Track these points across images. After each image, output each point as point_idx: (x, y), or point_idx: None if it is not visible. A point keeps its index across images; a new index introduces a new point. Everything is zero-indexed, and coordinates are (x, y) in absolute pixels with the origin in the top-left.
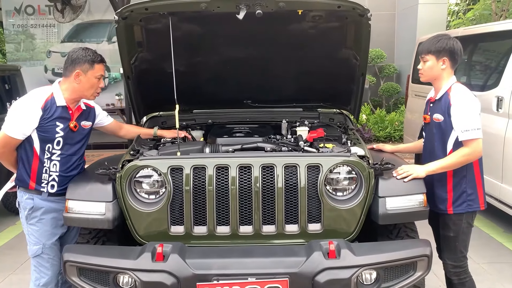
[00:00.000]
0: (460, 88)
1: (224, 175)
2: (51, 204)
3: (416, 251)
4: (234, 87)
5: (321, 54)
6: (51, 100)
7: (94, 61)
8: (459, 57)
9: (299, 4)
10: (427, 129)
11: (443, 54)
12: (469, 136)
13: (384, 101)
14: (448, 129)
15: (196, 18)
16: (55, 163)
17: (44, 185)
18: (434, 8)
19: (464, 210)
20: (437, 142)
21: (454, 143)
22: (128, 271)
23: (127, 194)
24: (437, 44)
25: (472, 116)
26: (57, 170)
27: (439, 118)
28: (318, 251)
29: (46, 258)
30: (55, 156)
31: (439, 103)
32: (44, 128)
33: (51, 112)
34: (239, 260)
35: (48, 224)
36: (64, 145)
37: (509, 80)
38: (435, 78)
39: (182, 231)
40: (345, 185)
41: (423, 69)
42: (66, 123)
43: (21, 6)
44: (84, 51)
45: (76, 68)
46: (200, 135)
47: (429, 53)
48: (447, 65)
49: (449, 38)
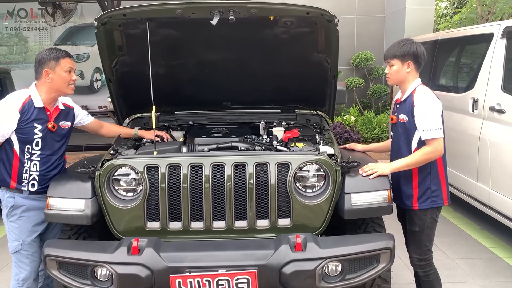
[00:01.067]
0: (423, 90)
1: (198, 173)
2: (32, 202)
3: (379, 244)
4: (213, 89)
5: (294, 57)
6: (28, 102)
7: (59, 56)
8: (422, 60)
9: (270, 10)
10: (394, 129)
11: (408, 58)
12: (431, 135)
13: (373, 102)
14: (412, 129)
15: (173, 24)
16: (35, 163)
17: (25, 184)
18: (421, 11)
19: (428, 206)
20: (403, 141)
21: (418, 142)
22: (105, 264)
23: (106, 192)
24: (401, 49)
25: (433, 117)
26: (37, 170)
27: (404, 119)
28: (285, 244)
29: (25, 254)
30: (35, 156)
31: (404, 104)
32: (23, 130)
33: (29, 114)
34: (211, 253)
35: (28, 221)
36: (44, 145)
37: (483, 82)
38: (401, 81)
39: (158, 227)
40: (313, 182)
41: (389, 73)
42: (45, 124)
43: (14, 9)
44: (48, 51)
45: (44, 67)
46: (180, 136)
47: (394, 57)
48: (412, 68)
49: (412, 42)
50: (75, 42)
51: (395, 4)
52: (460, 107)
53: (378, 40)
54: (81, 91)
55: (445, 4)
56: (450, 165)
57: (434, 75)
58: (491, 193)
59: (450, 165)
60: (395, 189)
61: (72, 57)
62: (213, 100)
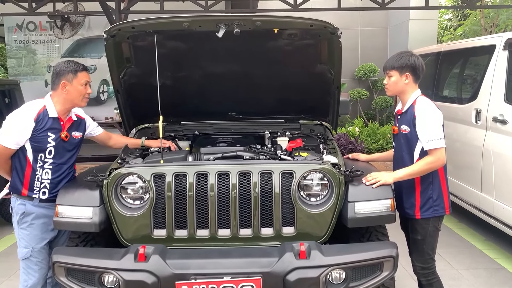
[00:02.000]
0: (424, 101)
1: (203, 181)
2: (42, 210)
3: (382, 252)
4: (219, 100)
5: (298, 69)
6: (43, 112)
7: (77, 70)
8: (420, 72)
9: (274, 23)
10: (396, 140)
11: (406, 70)
12: (433, 145)
13: (378, 114)
14: (414, 139)
15: (180, 36)
16: (47, 171)
17: (36, 192)
18: (425, 23)
19: (430, 215)
20: (405, 151)
21: (420, 152)
22: (112, 270)
23: (113, 200)
24: (400, 61)
25: (434, 127)
26: (48, 178)
27: (405, 129)
28: (289, 252)
29: (34, 261)
30: (47, 164)
31: (405, 115)
32: (37, 138)
33: (43, 123)
34: (216, 261)
35: (38, 229)
36: (56, 154)
37: (486, 93)
38: (399, 92)
39: (164, 235)
40: (317, 191)
41: (388, 84)
42: (58, 134)
43: (23, 23)
44: (67, 63)
45: (62, 79)
46: (186, 145)
47: (392, 69)
48: (410, 80)
49: (411, 55)
50: (82, 54)
51: (399, 17)
52: (464, 118)
53: (382, 52)
54: (88, 103)
55: (448, 16)
56: (454, 176)
57: (438, 86)
58: (495, 204)
59: (454, 176)
60: (398, 198)
61: (88, 71)
62: (218, 111)
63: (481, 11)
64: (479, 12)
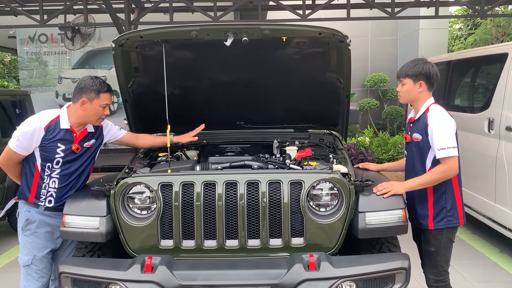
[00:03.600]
0: (437, 109)
1: (211, 191)
2: (46, 219)
3: (394, 264)
4: (227, 109)
5: (307, 77)
6: (56, 122)
7: (100, 90)
8: (435, 81)
9: (283, 31)
10: (408, 148)
11: (420, 77)
12: (445, 154)
13: (388, 124)
14: (426, 147)
15: (188, 45)
16: (54, 180)
17: (42, 200)
18: (435, 33)
19: (444, 225)
20: (417, 160)
21: (432, 161)
22: (119, 281)
23: (120, 210)
24: (414, 69)
25: (447, 135)
26: (55, 187)
27: (417, 138)
28: (299, 263)
29: (35, 269)
30: (55, 174)
31: (417, 123)
32: (46, 148)
33: (54, 134)
34: (224, 272)
35: (41, 237)
36: (64, 165)
37: (499, 102)
38: (412, 100)
39: (172, 245)
40: (327, 201)
41: (401, 91)
42: (69, 145)
43: (35, 35)
44: (92, 80)
45: (83, 96)
46: (194, 155)
47: (406, 76)
48: (424, 88)
49: (425, 62)
50: (93, 65)
51: (408, 27)
52: (476, 127)
53: (391, 61)
54: None
55: (459, 26)
56: (467, 186)
57: (449, 95)
58: (510, 215)
59: (467, 186)
60: (410, 208)
61: (112, 92)
62: (226, 120)
63: (492, 20)
64: (490, 21)
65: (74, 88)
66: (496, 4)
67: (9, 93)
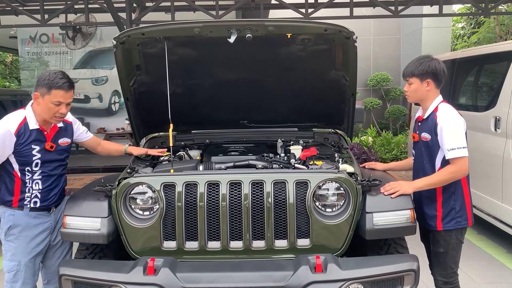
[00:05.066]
0: (446, 108)
1: (215, 191)
2: (32, 221)
3: (403, 266)
4: (230, 108)
5: (312, 75)
6: (24, 124)
7: (52, 86)
8: (442, 78)
9: (287, 28)
10: (416, 147)
11: (426, 76)
12: (455, 154)
13: (391, 123)
14: (435, 147)
15: (191, 43)
16: (37, 181)
17: (27, 202)
18: (438, 31)
19: (453, 226)
20: (426, 160)
21: (442, 161)
22: (120, 284)
23: (122, 210)
24: (420, 67)
25: (457, 135)
26: (39, 188)
27: (426, 137)
28: (305, 265)
29: (19, 275)
30: (36, 175)
31: (426, 122)
32: (21, 153)
33: (26, 137)
34: (228, 274)
35: (26, 241)
36: (43, 165)
37: (506, 100)
38: (420, 99)
39: (175, 246)
40: (333, 201)
41: (408, 91)
42: (42, 145)
43: (36, 35)
44: (49, 74)
45: (37, 90)
46: (197, 154)
47: (413, 76)
48: (431, 86)
49: (431, 60)
50: (94, 65)
51: (411, 25)
52: (481, 126)
53: (394, 61)
54: (100, 114)
55: (462, 24)
56: (473, 186)
57: (454, 94)
58: None
59: (473, 186)
60: (418, 209)
61: (70, 90)
62: (230, 119)
63: (495, 19)
64: (493, 19)
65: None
66: (500, 2)
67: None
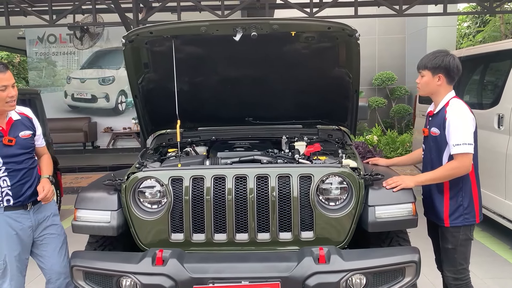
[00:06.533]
0: (457, 103)
1: (221, 185)
2: (8, 220)
3: (404, 258)
4: (236, 105)
5: (316, 72)
6: None
7: None
8: (455, 74)
9: (291, 26)
10: (426, 142)
11: (439, 70)
12: (459, 150)
13: (396, 122)
14: (443, 142)
15: (197, 41)
16: (4, 179)
17: (0, 201)
18: (443, 30)
19: (460, 223)
20: (434, 154)
21: (449, 156)
22: (130, 274)
23: (131, 204)
24: (434, 61)
25: (464, 131)
26: (8, 185)
27: (436, 132)
28: (309, 256)
29: (6, 273)
30: (1, 172)
31: (436, 117)
32: None
33: None
34: (234, 265)
35: (5, 240)
36: (6, 160)
37: (509, 98)
38: (431, 93)
39: (182, 239)
40: (336, 195)
41: (420, 83)
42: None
43: (44, 35)
44: None
45: None
46: (203, 151)
47: (425, 68)
48: (443, 82)
49: (446, 55)
50: (101, 65)
51: (416, 24)
52: (485, 123)
53: (399, 60)
54: (107, 113)
55: (467, 23)
56: None
57: (458, 91)
58: None
59: None
60: (426, 203)
61: (6, 70)
62: (235, 116)
63: (501, 17)
64: (498, 18)
65: None
66: (505, 1)
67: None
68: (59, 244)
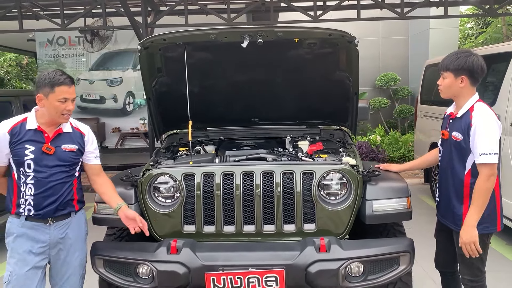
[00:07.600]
0: (483, 109)
1: (230, 181)
2: (26, 230)
3: (399, 247)
4: (242, 107)
5: (318, 76)
6: (21, 124)
7: (54, 84)
8: (479, 75)
9: (295, 33)
10: (445, 145)
11: (461, 72)
12: (485, 160)
13: (399, 122)
14: (468, 149)
15: (207, 47)
16: (30, 186)
17: (22, 210)
18: (445, 32)
19: (480, 231)
20: (456, 160)
21: (473, 163)
22: (147, 262)
23: (147, 198)
24: (456, 62)
25: (491, 140)
26: (31, 194)
27: (458, 137)
28: (311, 246)
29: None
30: (29, 179)
31: (459, 120)
32: (15, 152)
33: (20, 135)
34: (242, 254)
35: (17, 252)
36: (37, 167)
37: (504, 99)
38: (454, 95)
39: (194, 230)
40: (336, 190)
41: (442, 85)
42: (38, 146)
43: (53, 38)
44: (47, 74)
45: (39, 92)
46: (212, 149)
47: (447, 70)
48: (466, 83)
49: (469, 55)
50: (108, 67)
51: (419, 26)
52: None
53: (402, 61)
54: (114, 114)
55: (470, 25)
56: None
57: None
58: None
59: None
60: (444, 206)
61: (71, 84)
62: (242, 117)
63: (503, 19)
64: (500, 19)
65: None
66: (506, 3)
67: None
68: (77, 276)
